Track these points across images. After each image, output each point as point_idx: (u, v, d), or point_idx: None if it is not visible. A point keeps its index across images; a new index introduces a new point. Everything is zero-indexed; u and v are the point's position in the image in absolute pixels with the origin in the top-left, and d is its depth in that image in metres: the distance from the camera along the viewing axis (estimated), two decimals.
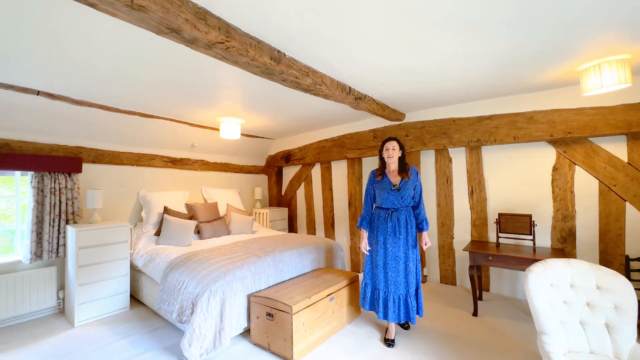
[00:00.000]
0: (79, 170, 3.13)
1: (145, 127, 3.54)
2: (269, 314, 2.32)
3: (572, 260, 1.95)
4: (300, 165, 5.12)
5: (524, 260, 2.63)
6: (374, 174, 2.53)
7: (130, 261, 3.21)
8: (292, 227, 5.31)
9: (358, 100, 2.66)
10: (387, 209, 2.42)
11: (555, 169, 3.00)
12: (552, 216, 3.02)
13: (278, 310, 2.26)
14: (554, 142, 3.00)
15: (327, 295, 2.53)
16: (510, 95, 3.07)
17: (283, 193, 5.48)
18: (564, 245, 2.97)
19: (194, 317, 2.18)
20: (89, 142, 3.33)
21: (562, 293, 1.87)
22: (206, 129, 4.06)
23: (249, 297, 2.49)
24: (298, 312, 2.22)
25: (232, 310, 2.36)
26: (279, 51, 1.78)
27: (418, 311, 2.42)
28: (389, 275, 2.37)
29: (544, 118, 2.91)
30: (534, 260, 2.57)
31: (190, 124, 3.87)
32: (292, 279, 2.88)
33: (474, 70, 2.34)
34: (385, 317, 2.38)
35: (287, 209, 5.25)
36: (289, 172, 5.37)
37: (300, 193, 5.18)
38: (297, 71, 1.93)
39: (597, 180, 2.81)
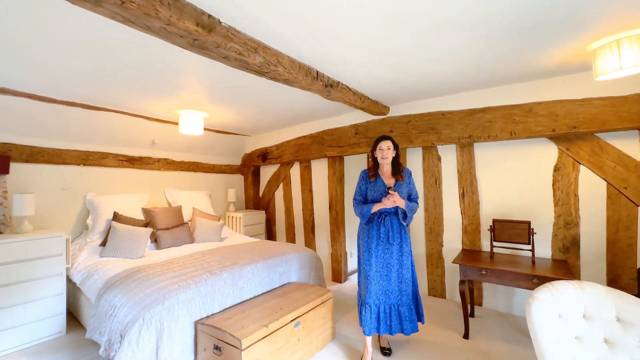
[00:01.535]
0: (6, 171, 2.66)
1: (92, 121, 3.08)
2: (216, 347, 1.90)
3: (584, 283, 1.57)
4: (279, 164, 4.69)
5: (522, 276, 2.26)
6: (366, 173, 2.29)
7: (69, 276, 2.76)
8: (270, 232, 4.89)
9: (329, 88, 2.24)
10: (379, 212, 2.17)
11: (557, 169, 2.64)
12: (553, 222, 2.66)
13: (226, 343, 1.84)
14: (555, 139, 2.63)
15: (292, 321, 2.12)
16: (507, 84, 2.69)
17: (261, 195, 5.05)
18: (567, 256, 2.61)
19: (120, 354, 1.75)
20: (21, 138, 2.85)
21: (573, 326, 1.49)
22: (168, 123, 3.61)
23: (197, 324, 2.06)
24: (250, 346, 1.80)
25: (173, 343, 1.94)
26: (209, 15, 1.35)
27: (420, 318, 2.24)
28: (381, 284, 2.13)
29: (544, 110, 2.54)
30: (534, 276, 2.20)
31: (148, 118, 3.42)
32: (255, 297, 2.47)
33: (463, 48, 1.94)
34: (377, 329, 2.12)
35: (264, 212, 4.82)
36: (267, 172, 4.94)
37: (279, 195, 4.76)
38: (240, 45, 1.50)
39: (605, 182, 2.45)
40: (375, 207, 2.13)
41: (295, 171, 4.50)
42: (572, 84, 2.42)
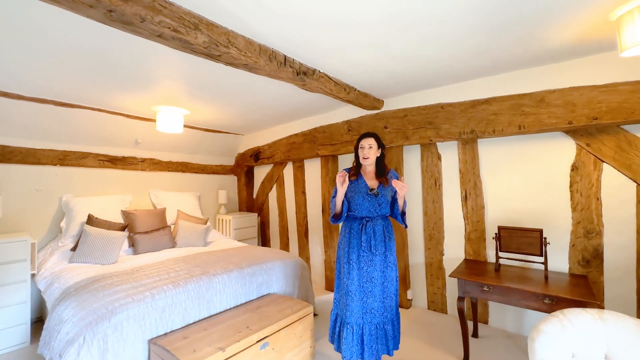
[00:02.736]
0: None
1: (68, 119, 2.94)
2: None
3: (607, 313, 1.23)
4: (272, 165, 4.45)
5: (530, 295, 1.90)
6: (346, 172, 2.01)
7: (36, 283, 2.60)
8: (264, 236, 4.65)
9: (303, 76, 1.97)
10: (360, 218, 1.92)
11: (575, 168, 2.26)
12: (570, 231, 2.28)
13: None
14: (573, 132, 2.25)
15: (258, 341, 1.86)
16: (514, 70, 2.34)
17: (255, 196, 4.82)
18: (587, 270, 2.22)
19: None
20: None
21: None
22: (150, 121, 3.44)
23: (150, 344, 1.83)
24: None
25: None
26: None
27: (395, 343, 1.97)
28: (364, 301, 1.87)
29: (559, 99, 2.17)
30: (546, 296, 1.85)
31: (128, 116, 3.26)
32: (225, 311, 2.22)
33: (458, 26, 1.62)
34: (361, 355, 1.86)
35: (257, 214, 4.59)
36: (261, 173, 4.71)
37: (273, 196, 4.52)
38: (173, 20, 1.26)
39: (635, 184, 2.06)
40: (338, 197, 1.87)
41: (288, 172, 4.25)
42: (592, 66, 2.05)
